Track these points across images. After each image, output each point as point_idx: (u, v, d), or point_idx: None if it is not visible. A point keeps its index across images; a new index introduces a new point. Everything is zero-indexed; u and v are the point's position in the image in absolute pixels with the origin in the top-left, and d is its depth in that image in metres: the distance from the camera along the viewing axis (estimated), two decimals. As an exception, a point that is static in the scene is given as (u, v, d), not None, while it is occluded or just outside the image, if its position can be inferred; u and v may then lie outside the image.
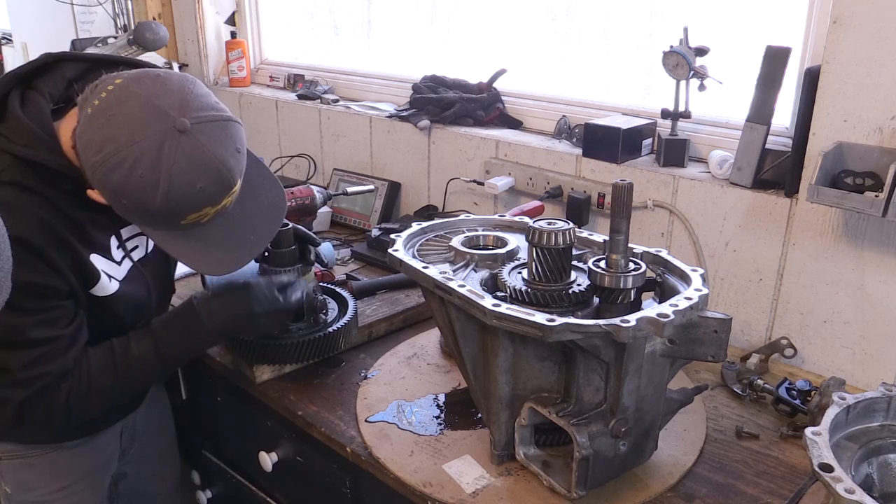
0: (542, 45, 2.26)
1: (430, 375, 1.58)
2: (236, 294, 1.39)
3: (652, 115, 1.94)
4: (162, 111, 1.10)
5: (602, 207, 1.91)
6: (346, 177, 2.55)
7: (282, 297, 1.41)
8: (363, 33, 2.82)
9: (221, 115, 1.16)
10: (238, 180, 1.18)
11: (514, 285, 1.25)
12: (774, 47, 1.62)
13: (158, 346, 1.34)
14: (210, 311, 1.36)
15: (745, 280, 1.73)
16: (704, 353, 1.15)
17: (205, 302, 1.37)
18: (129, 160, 1.09)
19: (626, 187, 1.16)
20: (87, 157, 1.12)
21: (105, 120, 1.10)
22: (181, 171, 1.10)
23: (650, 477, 1.25)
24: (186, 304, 1.38)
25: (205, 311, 1.36)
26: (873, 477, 1.04)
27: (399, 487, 1.28)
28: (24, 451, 1.47)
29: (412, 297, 1.87)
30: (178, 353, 1.39)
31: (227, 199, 1.18)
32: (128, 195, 1.12)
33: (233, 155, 1.16)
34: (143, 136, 1.09)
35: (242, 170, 1.19)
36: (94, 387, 1.29)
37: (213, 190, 1.14)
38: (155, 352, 1.34)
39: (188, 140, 1.10)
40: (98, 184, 1.14)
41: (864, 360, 1.59)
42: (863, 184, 1.45)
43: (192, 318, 1.36)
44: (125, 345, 1.33)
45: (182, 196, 1.12)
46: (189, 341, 1.38)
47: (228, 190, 1.17)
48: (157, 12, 3.10)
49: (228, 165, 1.15)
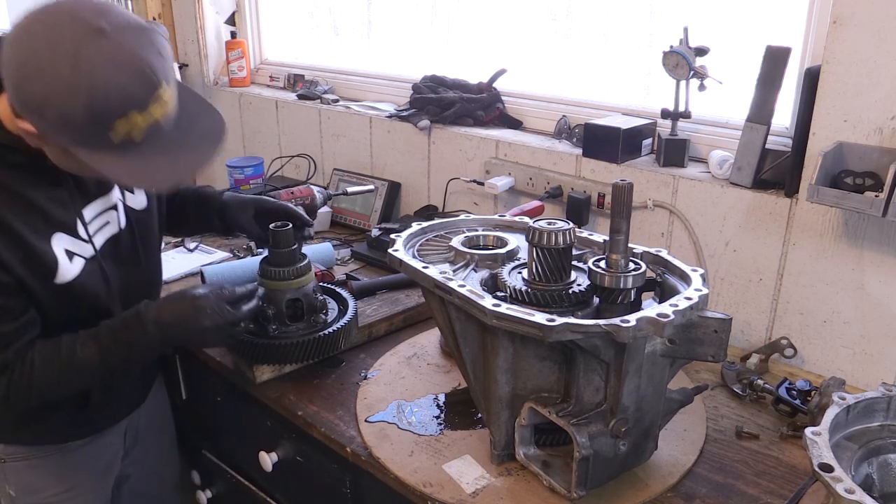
0: (542, 45, 2.26)
1: (430, 375, 1.58)
2: (185, 305, 1.35)
3: (652, 115, 1.94)
4: (79, 17, 1.08)
5: (602, 207, 1.91)
6: (346, 177, 2.55)
7: (232, 310, 1.38)
8: (363, 33, 2.81)
9: (141, 24, 1.15)
10: (163, 83, 1.14)
11: (514, 285, 1.25)
12: (774, 47, 1.62)
13: (102, 351, 1.31)
14: (157, 321, 1.32)
15: (745, 280, 1.73)
16: (704, 353, 1.15)
17: (153, 311, 1.34)
18: (49, 64, 1.07)
19: (626, 187, 1.16)
20: (9, 78, 1.10)
21: (22, 36, 1.09)
22: (102, 70, 1.07)
23: (650, 477, 1.25)
24: (134, 312, 1.34)
25: (151, 322, 1.32)
26: (873, 477, 1.05)
27: (399, 487, 1.28)
28: (28, 453, 1.47)
29: (412, 297, 1.87)
30: (121, 360, 1.35)
31: (155, 108, 1.13)
32: (51, 105, 1.08)
33: (155, 56, 1.13)
34: (61, 39, 1.07)
35: (168, 75, 1.15)
36: (36, 382, 1.27)
37: (137, 90, 1.11)
38: (99, 357, 1.31)
39: (107, 41, 1.08)
40: (22, 105, 1.11)
41: (864, 360, 1.59)
42: (863, 184, 1.45)
43: (139, 327, 1.32)
44: (72, 345, 1.30)
45: (106, 97, 1.08)
46: (132, 350, 1.34)
47: (153, 90, 1.12)
48: (157, 12, 3.10)
49: (151, 64, 1.11)
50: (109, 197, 1.40)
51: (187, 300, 1.35)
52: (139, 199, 1.48)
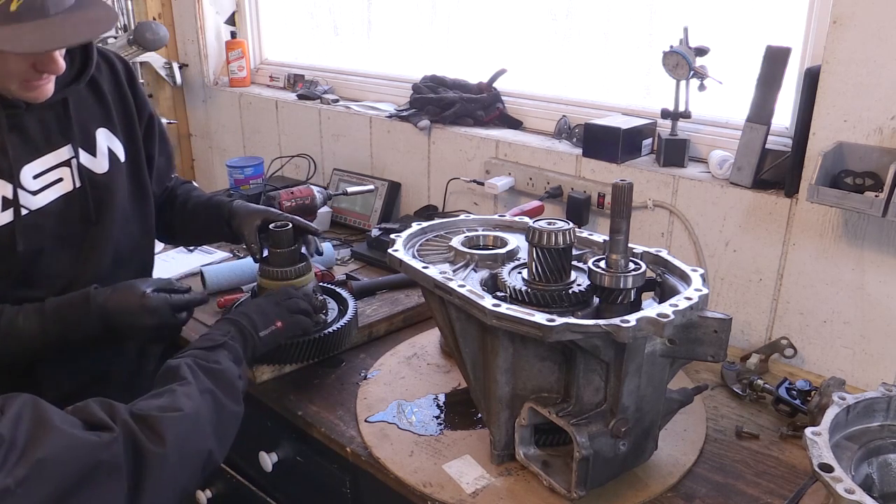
0: (542, 45, 2.26)
1: (430, 375, 1.58)
2: (132, 301, 1.34)
3: (652, 115, 1.94)
4: None
5: (602, 207, 1.91)
6: (346, 177, 2.55)
7: (175, 315, 1.39)
8: (363, 33, 2.82)
9: None
10: None
11: (514, 285, 1.25)
12: (774, 47, 1.62)
13: (44, 325, 1.31)
14: (102, 308, 1.33)
15: (745, 280, 1.73)
16: (704, 353, 1.15)
17: (101, 297, 1.34)
18: None
19: (626, 187, 1.16)
20: None
21: None
22: None
23: (650, 477, 1.25)
24: (83, 294, 1.34)
25: (97, 307, 1.33)
26: (873, 477, 1.04)
27: (399, 487, 1.28)
28: None
29: (412, 297, 1.87)
30: (60, 338, 1.33)
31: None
32: None
33: None
34: None
35: None
36: None
37: None
38: (40, 330, 1.31)
39: None
40: None
41: (864, 360, 1.59)
42: (863, 184, 1.45)
43: (84, 308, 1.32)
44: (14, 315, 1.30)
45: None
46: (73, 329, 1.34)
47: None
48: (157, 12, 3.10)
49: None
50: (59, 153, 1.38)
51: (136, 296, 1.35)
52: (100, 164, 1.44)
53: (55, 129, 1.38)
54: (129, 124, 1.51)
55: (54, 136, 1.37)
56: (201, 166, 3.42)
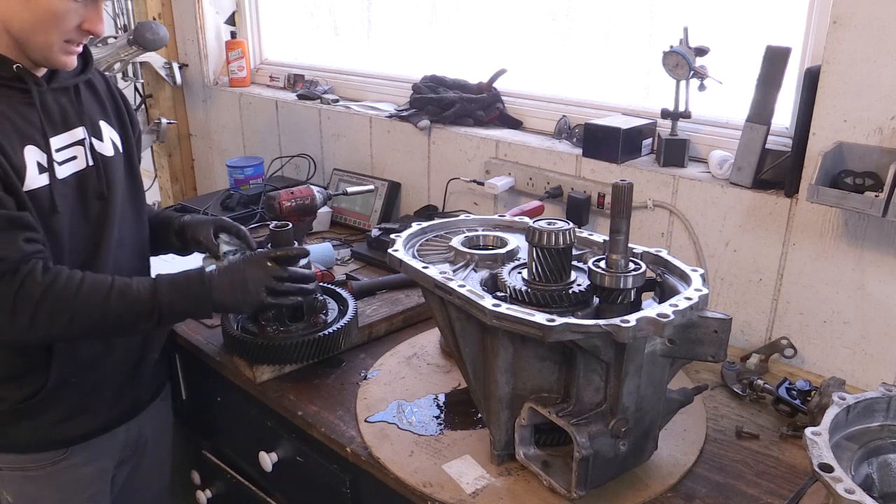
0: (542, 45, 2.26)
1: (430, 375, 1.58)
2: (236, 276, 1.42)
3: (652, 115, 1.94)
4: None
5: (602, 207, 1.91)
6: (346, 177, 2.55)
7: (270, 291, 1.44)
8: (363, 33, 2.81)
9: None
10: None
11: (514, 285, 1.25)
12: (774, 47, 1.62)
13: (156, 290, 1.36)
14: (219, 284, 1.40)
15: (745, 280, 1.73)
16: (704, 353, 1.15)
17: (215, 275, 1.41)
18: None
19: (626, 187, 1.16)
20: None
21: None
22: None
23: (650, 477, 1.25)
24: (197, 270, 1.42)
25: (215, 283, 1.40)
26: (873, 477, 1.04)
27: (399, 487, 1.28)
28: (23, 463, 1.47)
29: (412, 297, 1.87)
30: (173, 310, 1.39)
31: None
32: None
33: None
34: None
35: None
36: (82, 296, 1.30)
37: None
38: (150, 294, 1.35)
39: None
40: None
41: (864, 360, 1.59)
42: (863, 184, 1.45)
43: (201, 285, 1.39)
44: (126, 280, 1.36)
45: None
46: (187, 300, 1.39)
47: None
48: (157, 12, 3.10)
49: None
50: (75, 132, 1.43)
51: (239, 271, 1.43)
52: (106, 147, 1.50)
53: (70, 111, 1.43)
54: (122, 124, 1.57)
55: (70, 117, 1.43)
56: (201, 166, 3.42)
